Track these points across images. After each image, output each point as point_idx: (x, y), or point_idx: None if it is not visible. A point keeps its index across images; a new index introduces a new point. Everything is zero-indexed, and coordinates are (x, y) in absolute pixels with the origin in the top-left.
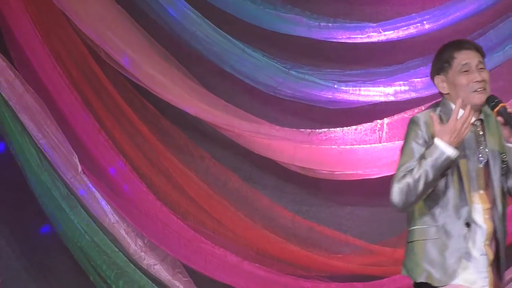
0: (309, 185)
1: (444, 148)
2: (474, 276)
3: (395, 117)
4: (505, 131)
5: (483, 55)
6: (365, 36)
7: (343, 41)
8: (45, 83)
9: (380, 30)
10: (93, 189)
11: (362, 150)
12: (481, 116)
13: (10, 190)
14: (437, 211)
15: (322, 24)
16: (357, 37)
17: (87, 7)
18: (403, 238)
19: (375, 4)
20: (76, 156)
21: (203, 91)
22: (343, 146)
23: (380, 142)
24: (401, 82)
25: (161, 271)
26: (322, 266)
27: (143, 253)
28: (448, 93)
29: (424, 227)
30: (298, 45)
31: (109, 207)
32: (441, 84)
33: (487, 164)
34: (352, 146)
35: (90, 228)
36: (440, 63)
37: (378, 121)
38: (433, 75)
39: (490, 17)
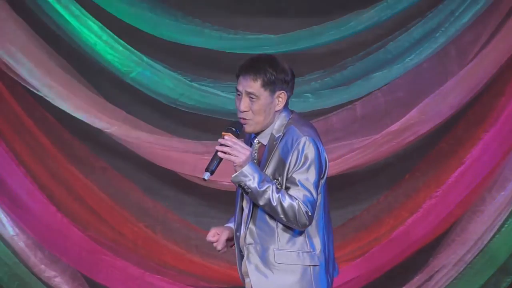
0: (210, 197)
1: None
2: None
3: None
4: None
5: (266, 80)
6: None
7: (243, 52)
8: None
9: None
10: None
11: None
12: (262, 140)
13: None
14: None
15: (223, 35)
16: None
17: None
18: None
19: (272, 17)
20: None
21: (103, 102)
22: None
23: None
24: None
25: (61, 284)
26: (224, 277)
27: (43, 266)
28: None
29: None
30: (199, 56)
31: (8, 219)
32: None
33: None
34: None
35: None
36: None
37: None
38: None
39: (389, 29)
